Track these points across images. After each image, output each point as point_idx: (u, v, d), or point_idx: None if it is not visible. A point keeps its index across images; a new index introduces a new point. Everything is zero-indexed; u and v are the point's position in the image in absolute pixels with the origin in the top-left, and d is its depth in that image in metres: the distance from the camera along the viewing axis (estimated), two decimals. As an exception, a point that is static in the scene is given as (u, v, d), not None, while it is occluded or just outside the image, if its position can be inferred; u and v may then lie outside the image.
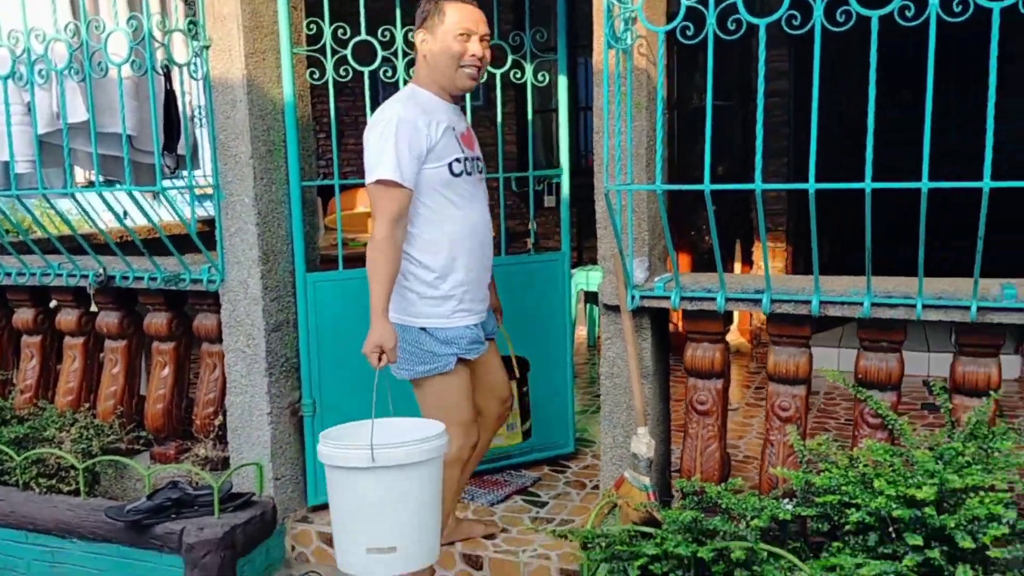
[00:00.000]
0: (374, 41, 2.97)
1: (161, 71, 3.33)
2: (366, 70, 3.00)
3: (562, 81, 3.43)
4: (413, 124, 2.37)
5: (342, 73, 3.02)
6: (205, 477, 2.97)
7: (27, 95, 3.18)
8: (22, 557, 3.09)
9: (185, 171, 3.31)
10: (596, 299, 2.94)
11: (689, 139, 5.24)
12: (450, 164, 2.45)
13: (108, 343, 3.46)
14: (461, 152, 2.49)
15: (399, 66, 3.04)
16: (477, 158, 2.59)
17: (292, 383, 3.12)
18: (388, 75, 3.07)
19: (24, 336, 3.65)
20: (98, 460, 3.15)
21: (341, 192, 3.22)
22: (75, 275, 3.34)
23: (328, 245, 4.30)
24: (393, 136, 2.34)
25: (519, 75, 3.36)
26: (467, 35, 2.42)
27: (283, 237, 3.06)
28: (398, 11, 3.00)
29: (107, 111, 3.19)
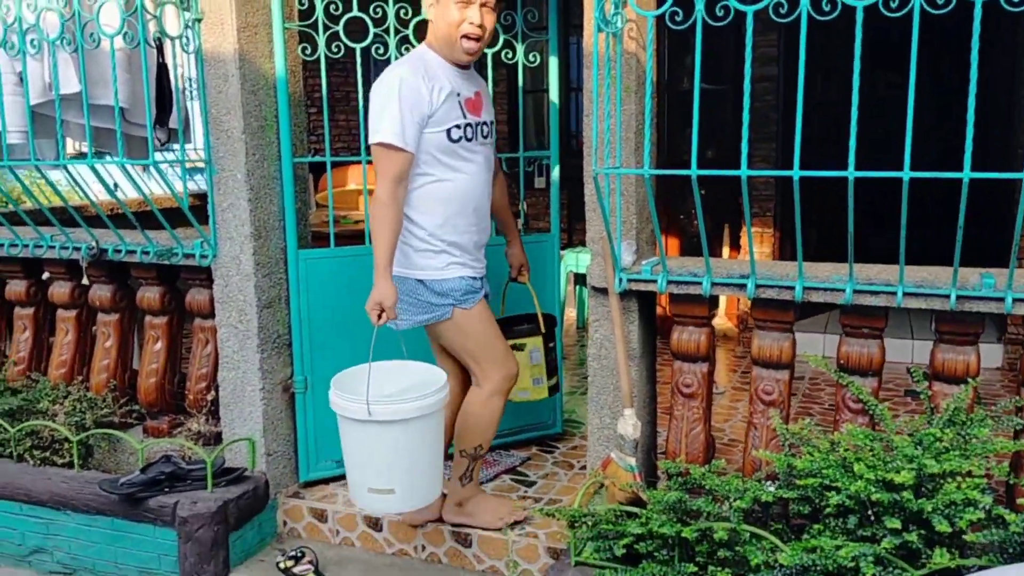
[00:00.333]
0: (366, 18, 2.97)
1: (153, 43, 3.31)
2: (358, 47, 3.00)
3: (553, 63, 3.43)
4: (416, 88, 2.41)
5: (334, 49, 3.01)
6: (198, 451, 3.00)
7: (19, 65, 3.16)
8: (16, 528, 3.12)
9: (176, 144, 3.30)
10: (585, 281, 2.96)
11: (679, 120, 5.24)
12: (448, 130, 2.49)
13: (101, 316, 3.47)
14: (463, 118, 2.52)
15: (391, 43, 3.04)
16: (484, 123, 2.61)
17: (284, 359, 3.14)
18: (380, 52, 3.07)
19: (16, 308, 3.66)
20: (92, 433, 3.17)
21: (332, 169, 3.23)
22: (68, 247, 3.35)
23: (319, 222, 4.31)
24: (396, 99, 2.39)
25: (510, 55, 3.36)
26: (467, 2, 2.44)
27: (275, 213, 3.07)
28: (391, -12, 3.00)
29: (99, 83, 3.18)
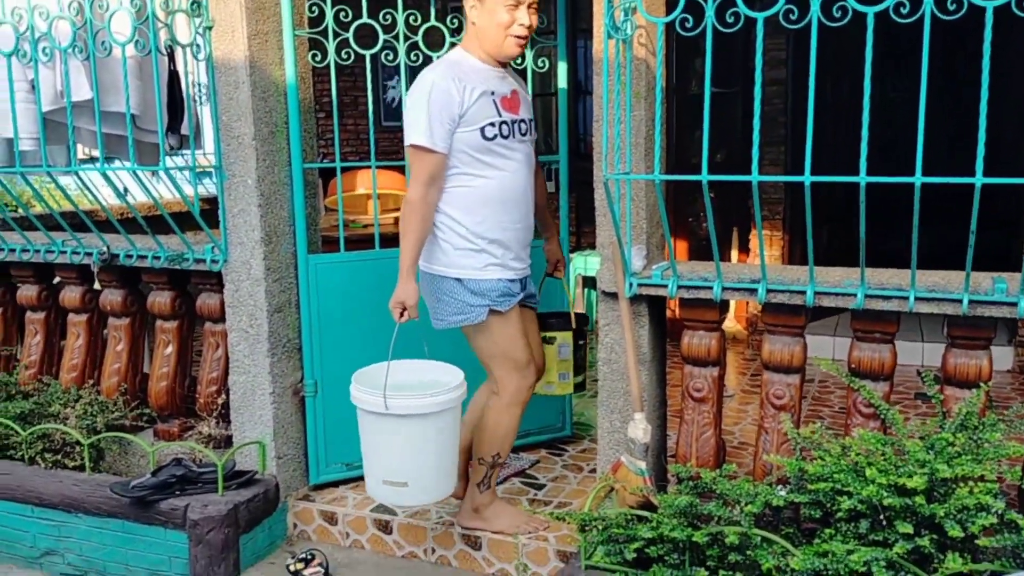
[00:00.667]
0: (376, 24, 2.98)
1: (165, 51, 3.33)
2: (367, 53, 3.01)
3: (562, 68, 3.44)
4: (446, 90, 2.45)
5: (344, 56, 3.03)
6: (209, 455, 3.01)
7: (31, 73, 3.18)
8: (28, 531, 3.13)
9: (186, 150, 3.32)
10: (594, 284, 2.96)
11: (688, 124, 5.24)
12: (483, 128, 2.51)
13: (112, 320, 3.49)
14: (498, 116, 2.54)
15: (400, 49, 3.05)
16: (522, 121, 2.63)
17: (294, 363, 3.15)
18: (389, 58, 3.08)
19: (28, 312, 3.68)
20: (103, 436, 3.19)
21: (341, 173, 3.24)
22: (79, 252, 3.36)
23: (329, 227, 4.32)
24: (427, 102, 2.44)
25: (520, 60, 3.36)
26: (516, 3, 2.47)
27: (285, 219, 3.08)
28: (400, -5, 3.01)
29: (110, 90, 3.20)
